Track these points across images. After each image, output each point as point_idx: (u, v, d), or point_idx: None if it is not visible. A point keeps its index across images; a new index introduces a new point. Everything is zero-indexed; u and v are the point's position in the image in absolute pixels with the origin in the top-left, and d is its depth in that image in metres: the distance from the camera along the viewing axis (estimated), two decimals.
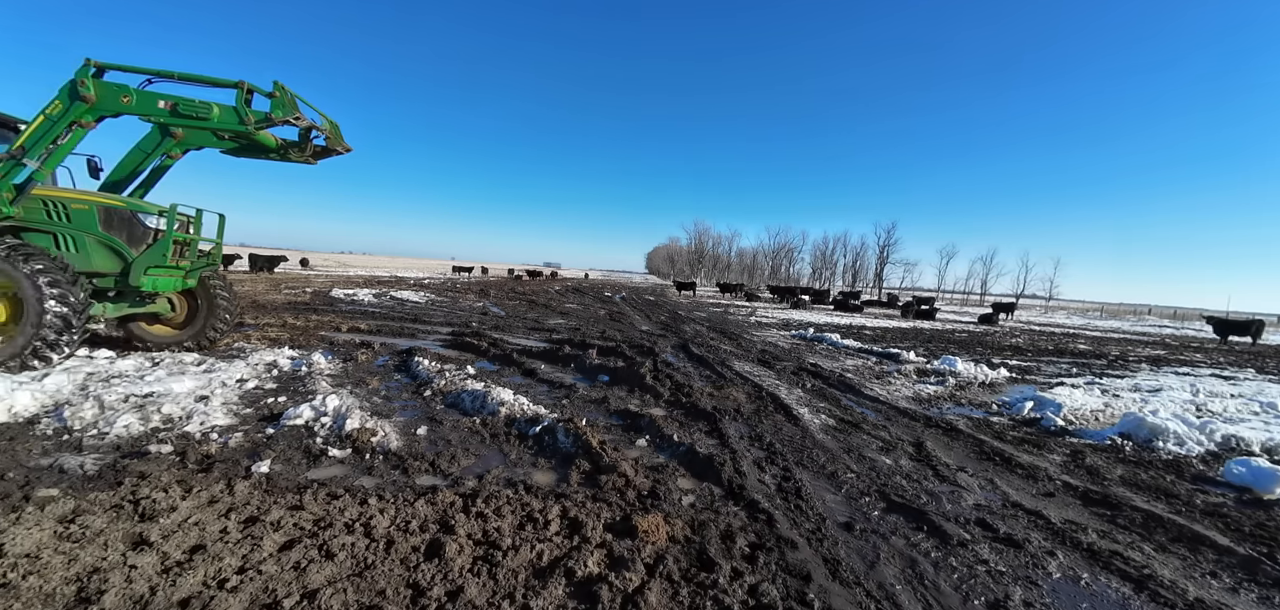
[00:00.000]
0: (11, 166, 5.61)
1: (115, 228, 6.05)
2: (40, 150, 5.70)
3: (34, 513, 2.73)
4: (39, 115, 5.70)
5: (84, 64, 5.72)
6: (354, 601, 2.22)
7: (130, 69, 5.89)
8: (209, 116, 5.99)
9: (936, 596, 2.59)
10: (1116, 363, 12.82)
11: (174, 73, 5.95)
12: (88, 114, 5.79)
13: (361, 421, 4.31)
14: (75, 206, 5.96)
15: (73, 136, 5.86)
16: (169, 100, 5.94)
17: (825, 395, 6.95)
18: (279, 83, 6.06)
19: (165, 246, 6.09)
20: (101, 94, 5.79)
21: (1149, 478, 4.44)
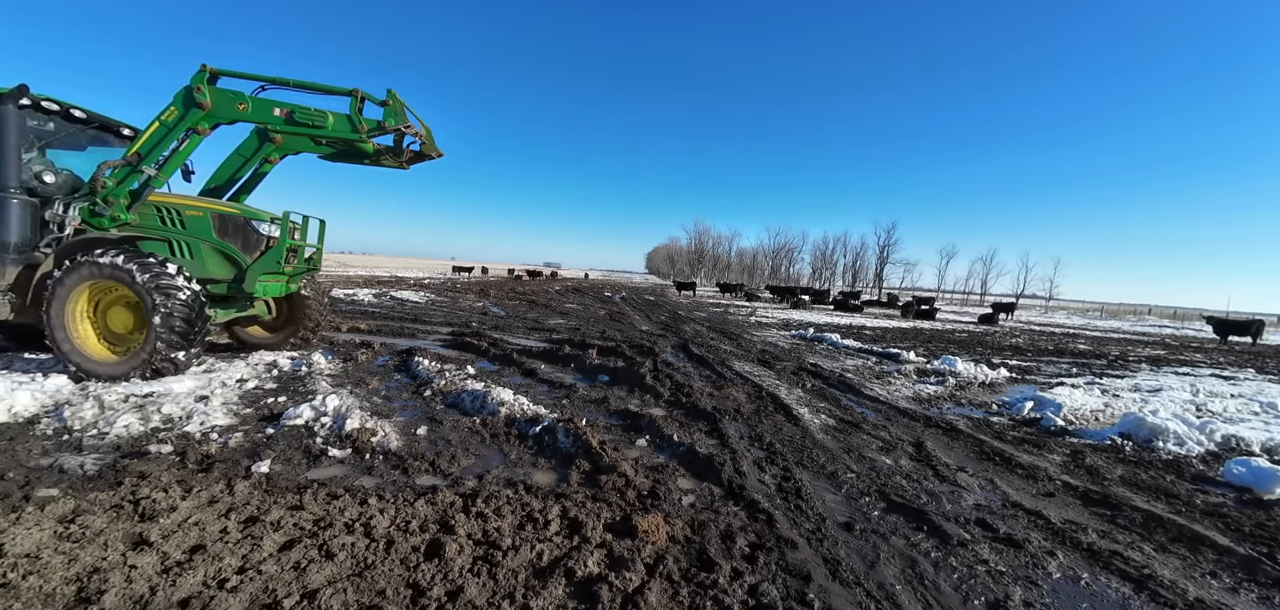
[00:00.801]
0: (128, 173, 5.61)
1: (230, 234, 6.01)
2: (156, 157, 5.70)
3: (34, 513, 2.73)
4: (154, 122, 5.69)
5: (200, 70, 5.69)
6: (354, 601, 2.22)
7: (243, 75, 5.87)
8: (324, 125, 5.95)
9: (936, 596, 2.59)
10: (1116, 363, 12.82)
11: (288, 80, 5.92)
12: (204, 121, 5.77)
13: (361, 421, 4.31)
14: (190, 213, 5.91)
15: (189, 143, 5.84)
16: (284, 108, 5.92)
17: (825, 395, 6.95)
18: (391, 91, 6.01)
19: (279, 253, 6.04)
20: (217, 101, 5.76)
21: (1149, 478, 4.45)
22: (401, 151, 6.54)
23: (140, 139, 5.65)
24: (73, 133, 6.12)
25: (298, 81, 5.92)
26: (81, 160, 6.32)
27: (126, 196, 5.63)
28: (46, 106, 5.54)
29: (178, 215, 5.87)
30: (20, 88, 5.19)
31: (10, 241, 5.26)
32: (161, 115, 5.67)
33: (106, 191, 5.51)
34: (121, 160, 5.58)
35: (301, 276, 7.00)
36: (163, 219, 5.84)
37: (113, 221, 5.61)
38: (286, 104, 5.91)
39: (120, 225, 5.65)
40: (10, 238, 5.26)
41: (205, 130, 5.85)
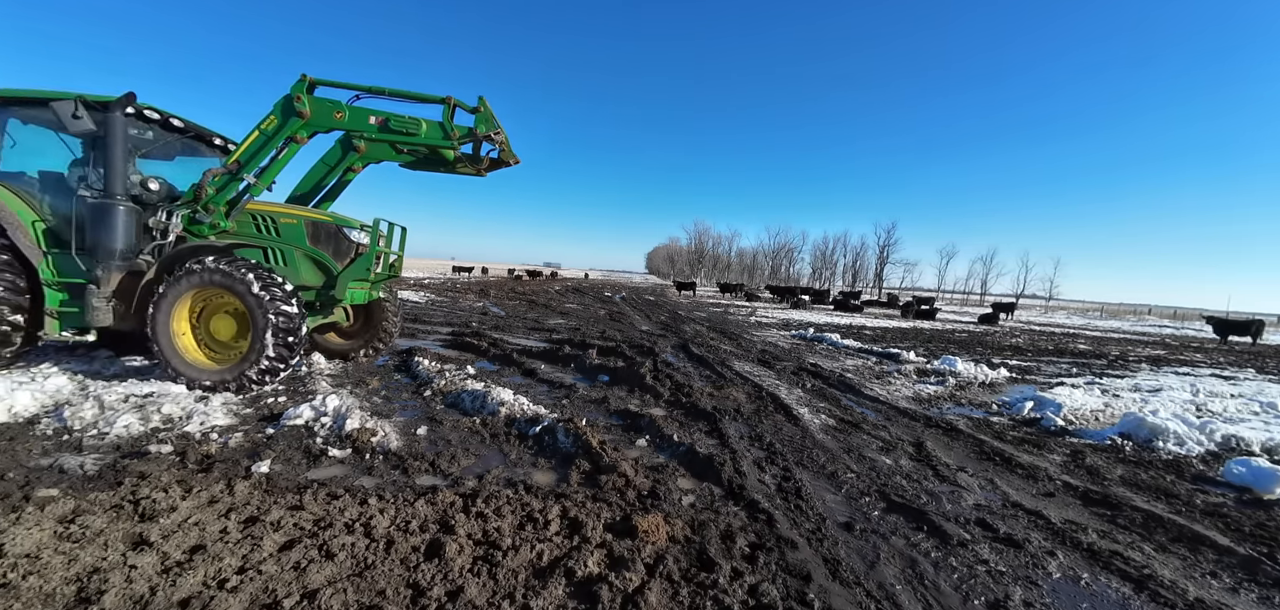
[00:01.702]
0: (227, 181, 5.60)
1: (322, 241, 5.99)
2: (255, 165, 5.70)
3: (34, 513, 2.73)
4: (254, 130, 5.70)
5: (300, 80, 5.71)
6: (354, 601, 2.22)
7: (339, 84, 5.88)
8: (418, 132, 5.95)
9: (937, 596, 2.59)
10: (1116, 363, 12.82)
11: (383, 88, 5.92)
12: (302, 129, 5.77)
13: (361, 421, 4.31)
14: (284, 221, 5.92)
15: (288, 152, 5.85)
16: (379, 116, 5.92)
17: (825, 395, 6.95)
18: (482, 98, 6.01)
19: (368, 261, 6.00)
20: (315, 110, 5.78)
21: (1149, 478, 4.44)
22: (480, 159, 6.48)
23: (240, 147, 5.66)
24: (166, 142, 6.12)
25: (392, 90, 5.93)
26: (169, 169, 6.32)
27: (226, 204, 5.65)
28: (147, 115, 5.55)
29: (273, 223, 5.89)
30: (128, 96, 5.19)
31: (116, 248, 5.25)
32: (262, 124, 5.70)
33: (207, 199, 5.53)
34: (222, 168, 5.59)
35: (382, 283, 6.91)
36: (258, 226, 5.86)
37: (212, 229, 5.63)
38: (381, 112, 5.93)
39: (219, 233, 5.66)
40: (116, 244, 5.25)
41: (303, 139, 5.86)
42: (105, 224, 5.21)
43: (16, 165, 5.66)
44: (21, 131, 5.68)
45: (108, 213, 5.20)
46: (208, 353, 5.39)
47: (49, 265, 5.27)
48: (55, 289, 5.29)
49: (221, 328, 5.39)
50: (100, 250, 5.22)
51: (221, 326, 5.39)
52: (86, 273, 5.28)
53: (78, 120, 4.96)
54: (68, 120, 4.97)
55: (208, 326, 5.40)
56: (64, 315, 5.33)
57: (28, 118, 5.62)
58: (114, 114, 5.16)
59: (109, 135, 5.19)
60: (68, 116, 4.95)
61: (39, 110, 5.43)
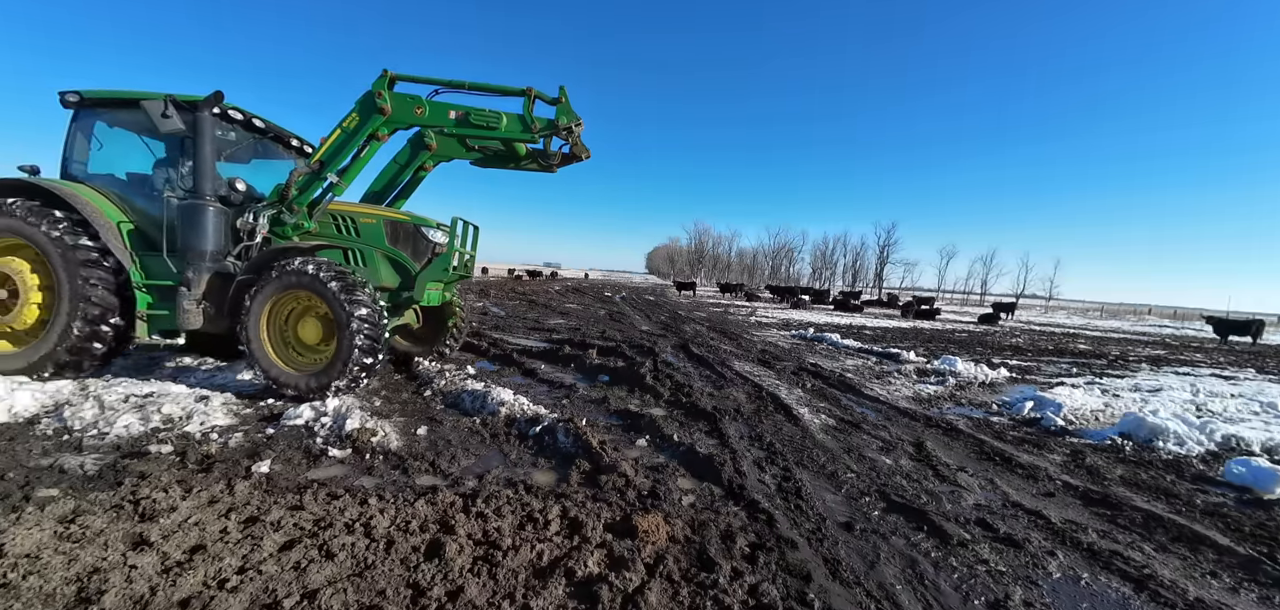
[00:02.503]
0: (310, 181, 5.50)
1: (400, 242, 5.87)
2: (337, 164, 5.58)
3: (34, 513, 2.73)
4: (335, 129, 5.58)
5: (381, 75, 5.55)
6: (354, 601, 2.22)
7: (419, 79, 5.73)
8: (498, 126, 5.76)
9: (937, 596, 2.59)
10: (1116, 362, 12.82)
11: (463, 82, 5.73)
12: (383, 126, 5.62)
13: (361, 421, 4.31)
14: (364, 221, 5.81)
15: (369, 150, 5.70)
16: (459, 111, 5.76)
17: (825, 395, 6.95)
18: (563, 88, 5.77)
19: (447, 261, 5.83)
20: (396, 106, 5.62)
21: (1149, 477, 4.44)
22: (552, 154, 6.25)
23: (322, 146, 5.54)
24: (246, 144, 6.03)
25: (471, 83, 5.74)
26: (243, 172, 6.22)
27: (309, 205, 5.56)
28: (231, 115, 5.48)
29: (353, 223, 5.80)
30: (216, 95, 5.11)
31: (206, 250, 5.19)
32: (343, 122, 5.56)
33: (292, 199, 5.45)
34: (305, 168, 5.47)
35: (455, 284, 6.74)
36: (339, 226, 5.78)
37: (295, 229, 5.55)
38: (461, 106, 5.78)
39: (302, 234, 5.59)
40: (206, 247, 5.18)
41: (384, 136, 5.72)
42: (195, 226, 5.14)
43: (103, 168, 5.60)
44: (107, 134, 5.62)
45: (197, 214, 5.13)
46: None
47: (139, 268, 5.22)
48: (145, 292, 5.23)
49: (308, 331, 5.27)
50: (190, 252, 5.16)
51: (308, 330, 5.26)
52: (176, 275, 5.23)
53: (167, 120, 4.90)
54: (157, 120, 4.89)
55: (295, 329, 5.30)
56: (153, 318, 5.28)
57: (115, 120, 5.57)
58: (202, 114, 5.10)
59: (197, 135, 5.13)
60: (158, 116, 4.88)
61: (128, 111, 5.39)
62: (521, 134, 5.84)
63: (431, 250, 5.98)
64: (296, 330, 5.28)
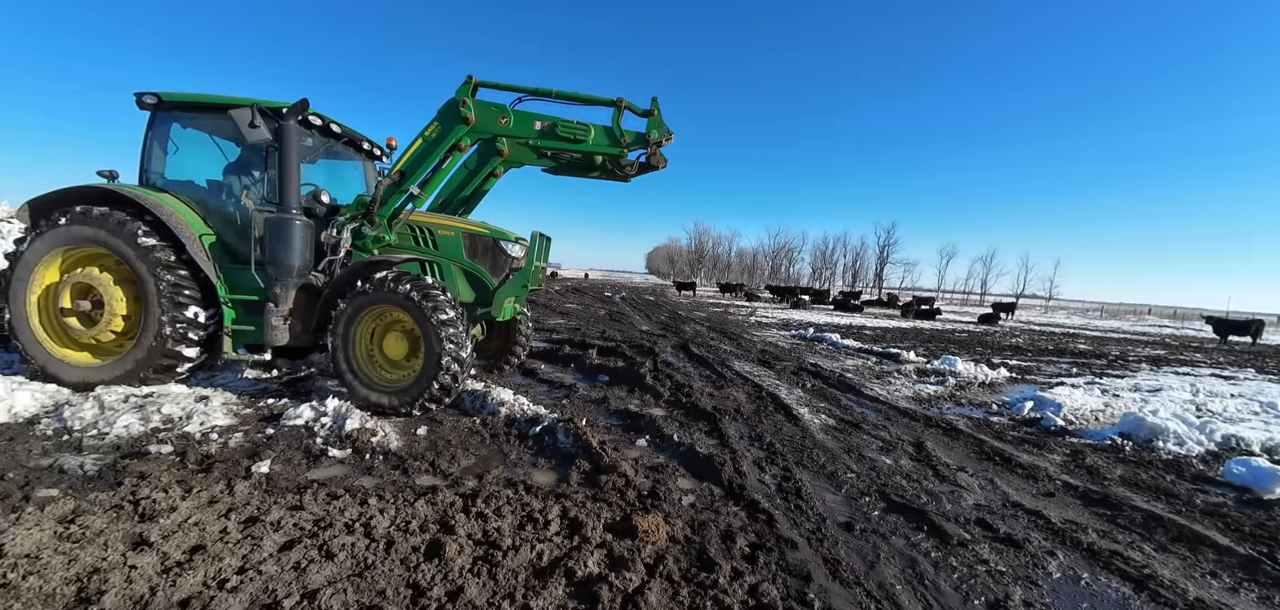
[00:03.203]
0: (391, 192, 5.26)
1: (478, 255, 5.58)
2: (419, 175, 5.34)
3: (34, 513, 2.73)
4: (417, 138, 5.35)
5: (466, 82, 5.29)
6: (354, 601, 2.22)
7: (502, 86, 5.46)
8: (585, 140, 5.45)
9: (936, 596, 2.59)
10: (1116, 362, 12.82)
11: (549, 90, 5.46)
12: (466, 136, 5.37)
13: (361, 421, 4.31)
14: (442, 233, 5.52)
15: (450, 161, 5.48)
16: (545, 122, 5.46)
17: (825, 395, 6.95)
18: (655, 100, 5.47)
19: (526, 276, 5.56)
20: (480, 115, 5.35)
21: (1149, 477, 4.45)
22: (628, 164, 5.81)
23: (403, 156, 5.33)
24: (319, 147, 5.78)
25: (558, 92, 5.49)
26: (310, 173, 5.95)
27: (389, 217, 5.32)
28: (310, 121, 5.26)
29: (431, 235, 5.52)
30: (302, 103, 4.87)
31: (294, 265, 4.95)
32: (425, 131, 5.34)
33: (375, 212, 5.22)
34: (387, 178, 5.26)
35: (524, 297, 6.35)
36: (416, 239, 5.51)
37: (376, 242, 5.32)
38: (547, 117, 5.49)
39: (382, 247, 5.36)
40: (293, 261, 4.94)
41: (466, 146, 5.47)
42: (282, 239, 4.89)
43: (180, 173, 5.37)
44: (182, 137, 5.42)
45: (284, 228, 4.89)
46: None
47: (224, 281, 5.04)
48: (230, 306, 5.06)
49: (394, 347, 5.05)
50: (278, 266, 4.92)
51: (394, 345, 5.05)
52: (264, 290, 5.01)
53: (254, 129, 4.69)
54: (244, 128, 4.69)
55: (380, 344, 5.11)
56: (238, 333, 5.11)
57: (192, 124, 5.39)
58: (288, 122, 4.87)
59: (283, 145, 4.89)
60: (245, 125, 4.67)
61: (208, 116, 5.22)
62: (609, 148, 5.50)
63: (510, 265, 5.71)
64: (381, 345, 5.10)
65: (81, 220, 4.76)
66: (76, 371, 4.88)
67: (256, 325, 5.08)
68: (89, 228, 4.76)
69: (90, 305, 4.91)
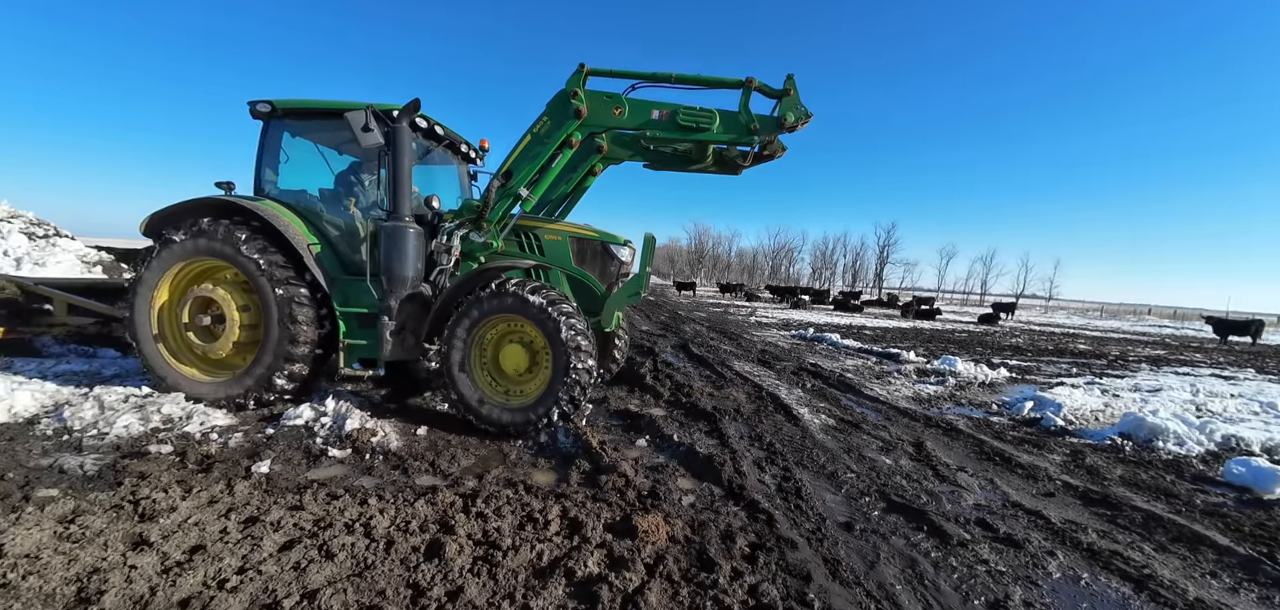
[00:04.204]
0: (499, 194, 4.92)
1: (587, 261, 5.28)
2: (527, 175, 4.93)
3: (34, 513, 2.73)
4: (525, 135, 4.97)
5: (578, 71, 4.85)
6: (354, 601, 2.22)
7: (613, 73, 4.98)
8: (710, 127, 4.90)
9: (936, 596, 2.59)
10: (1116, 363, 12.82)
11: (668, 75, 4.93)
12: (578, 130, 4.93)
13: (361, 421, 4.31)
14: (548, 237, 5.21)
15: (562, 158, 5.01)
16: (664, 109, 4.91)
17: (825, 395, 6.95)
18: (791, 77, 4.82)
19: (639, 283, 5.12)
20: (593, 106, 4.89)
21: (1149, 478, 4.45)
22: (742, 156, 5.28)
23: (510, 155, 4.98)
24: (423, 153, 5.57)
25: (678, 76, 4.97)
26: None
27: (498, 221, 5.00)
28: (417, 123, 5.03)
29: (536, 239, 5.20)
30: (415, 103, 4.62)
31: (407, 275, 4.64)
32: (533, 127, 4.95)
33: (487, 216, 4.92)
34: (494, 178, 4.92)
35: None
36: (521, 244, 5.19)
37: (483, 248, 4.99)
38: (665, 104, 4.95)
39: (490, 253, 5.03)
40: (407, 271, 4.62)
41: (577, 141, 5.01)
42: (397, 247, 4.58)
43: (291, 183, 5.23)
44: (291, 146, 5.24)
45: (399, 236, 4.59)
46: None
47: (339, 292, 4.86)
48: (343, 319, 4.86)
49: (512, 360, 4.68)
50: (392, 277, 4.62)
51: (512, 359, 4.68)
52: (377, 302, 4.75)
53: (367, 133, 4.46)
54: (357, 132, 4.47)
55: (496, 355, 4.76)
56: (351, 347, 4.88)
57: (301, 131, 5.24)
58: (401, 124, 4.59)
59: (396, 149, 4.59)
60: (358, 128, 4.46)
61: (319, 122, 5.10)
62: (738, 135, 4.93)
63: (619, 271, 5.41)
64: (496, 357, 4.76)
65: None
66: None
67: (369, 339, 4.85)
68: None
69: (211, 320, 4.79)
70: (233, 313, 4.68)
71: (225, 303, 4.68)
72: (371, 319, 4.84)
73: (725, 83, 4.94)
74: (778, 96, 4.83)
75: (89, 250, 7.05)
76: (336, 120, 4.82)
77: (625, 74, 4.96)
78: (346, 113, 4.53)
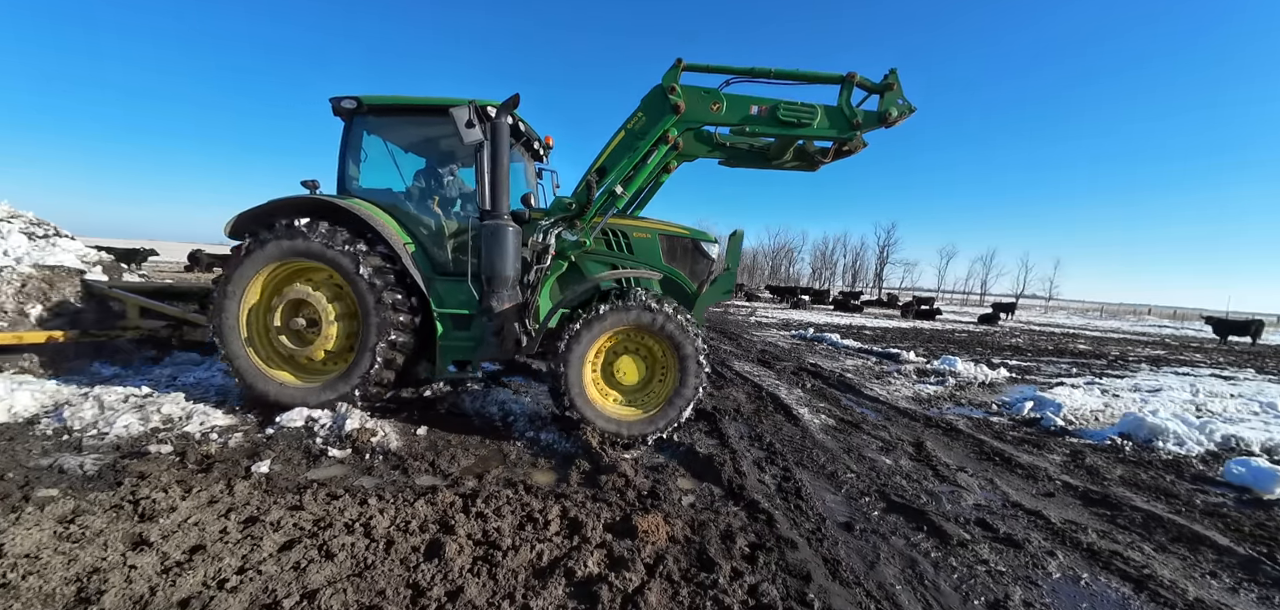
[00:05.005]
0: (590, 191, 4.76)
1: (677, 259, 5.14)
2: (621, 171, 4.72)
3: (34, 513, 2.73)
4: (619, 131, 4.79)
5: (675, 65, 4.67)
6: (354, 601, 2.22)
7: (708, 68, 4.81)
8: (810, 122, 4.71)
9: (936, 596, 2.59)
10: (1116, 363, 12.83)
11: (768, 70, 4.73)
12: (676, 126, 4.73)
13: (361, 421, 4.31)
14: (637, 235, 5.06)
15: (656, 154, 4.81)
16: (763, 105, 4.72)
17: (825, 395, 6.95)
18: (894, 70, 4.67)
19: (729, 282, 5.11)
20: (690, 101, 4.69)
21: (1149, 478, 4.45)
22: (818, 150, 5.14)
23: (604, 151, 4.79)
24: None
25: (778, 71, 4.77)
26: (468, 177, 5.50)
27: (591, 220, 4.85)
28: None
29: (625, 238, 5.05)
30: (515, 98, 4.48)
31: (508, 275, 4.47)
32: (628, 123, 4.77)
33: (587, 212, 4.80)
34: (588, 175, 4.77)
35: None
36: (609, 242, 5.04)
37: (575, 247, 4.87)
38: (764, 99, 4.75)
39: (579, 253, 4.93)
40: (508, 271, 4.46)
41: (673, 137, 4.80)
42: (498, 247, 4.41)
43: (372, 182, 5.09)
44: (370, 144, 5.12)
45: (499, 235, 4.41)
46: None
47: (433, 293, 4.73)
48: (439, 319, 4.73)
49: (628, 371, 4.56)
50: (494, 276, 4.46)
51: (628, 370, 4.56)
52: (475, 303, 4.64)
53: (470, 128, 4.36)
54: (461, 128, 4.39)
55: (610, 369, 4.61)
56: (447, 348, 4.76)
57: (385, 131, 5.08)
58: (501, 120, 4.41)
59: (495, 145, 4.42)
60: (462, 123, 4.38)
61: (410, 121, 5.00)
62: (841, 130, 4.75)
63: (709, 269, 5.27)
64: (612, 369, 4.62)
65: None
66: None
67: (463, 340, 4.75)
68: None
69: (304, 322, 4.67)
70: (330, 315, 4.54)
71: (320, 304, 4.52)
72: (465, 320, 4.73)
73: (824, 77, 4.81)
74: (879, 91, 4.69)
75: (89, 250, 7.04)
76: (430, 117, 4.78)
77: (720, 69, 4.79)
78: (452, 108, 4.48)
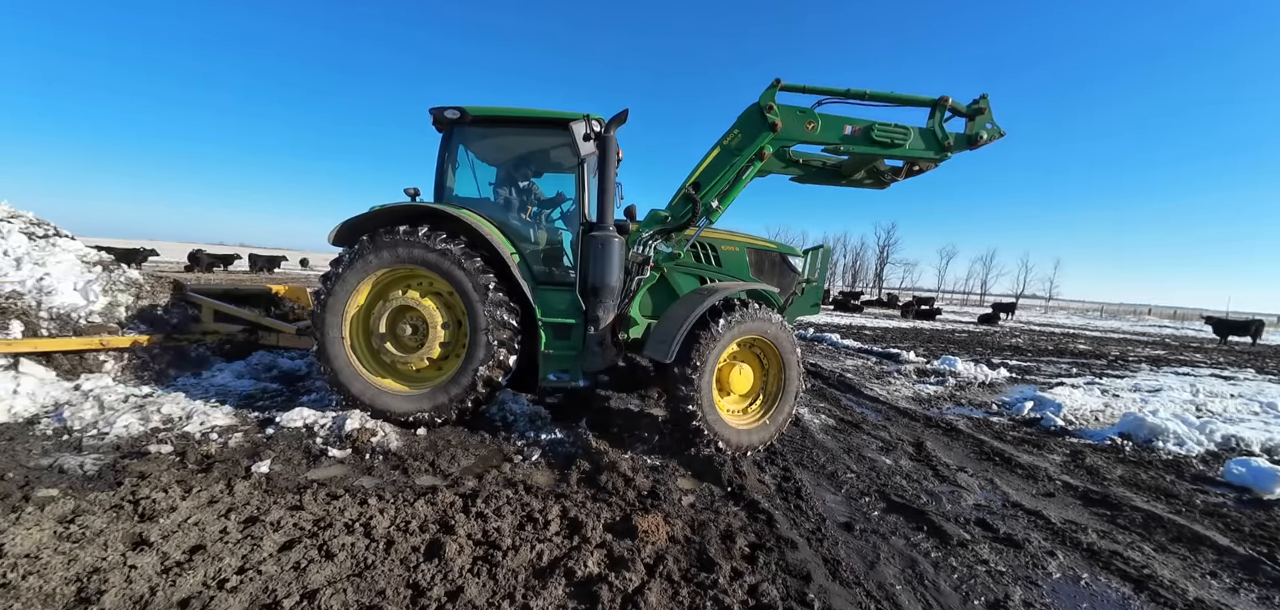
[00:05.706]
0: (685, 204, 4.83)
1: (765, 272, 5.21)
2: (717, 186, 4.84)
3: (34, 513, 2.73)
4: (713, 147, 4.92)
5: (772, 86, 4.77)
6: (354, 601, 2.22)
7: (803, 88, 4.87)
8: (903, 143, 4.86)
9: (936, 596, 2.59)
10: (1116, 363, 12.83)
11: (863, 92, 4.82)
12: (771, 143, 4.83)
13: (361, 421, 4.30)
14: (726, 248, 5.12)
15: (751, 171, 4.90)
16: (857, 125, 4.85)
17: (825, 395, 6.95)
18: (985, 95, 4.87)
19: (816, 296, 5.17)
20: (787, 120, 4.80)
21: (1149, 478, 4.45)
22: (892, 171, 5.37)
23: (699, 167, 4.90)
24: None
25: (872, 93, 4.88)
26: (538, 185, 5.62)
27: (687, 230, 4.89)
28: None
29: (713, 251, 5.10)
30: (624, 113, 4.53)
31: (614, 286, 4.52)
32: (723, 140, 4.90)
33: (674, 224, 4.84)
34: (682, 190, 4.86)
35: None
36: (697, 255, 5.07)
37: (669, 259, 4.94)
38: (858, 120, 4.89)
39: (670, 265, 4.99)
40: (614, 281, 4.50)
41: (768, 155, 4.89)
42: (605, 258, 4.46)
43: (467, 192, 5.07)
44: (463, 155, 5.08)
45: (606, 246, 4.45)
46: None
47: (538, 302, 4.67)
48: (542, 328, 4.68)
49: (741, 382, 4.52)
50: (602, 287, 4.48)
51: (741, 381, 4.52)
52: (581, 313, 4.64)
53: (587, 141, 4.47)
54: (579, 141, 4.47)
55: (727, 380, 4.55)
56: (550, 358, 4.69)
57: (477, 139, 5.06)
58: (611, 134, 4.48)
59: (604, 157, 4.48)
60: (580, 137, 4.46)
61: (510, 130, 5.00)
62: (932, 153, 4.94)
63: (796, 282, 5.33)
64: (728, 381, 4.56)
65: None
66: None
67: (565, 350, 4.71)
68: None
69: (410, 331, 4.59)
70: (437, 322, 4.49)
71: (429, 313, 4.47)
72: (566, 330, 4.70)
73: (918, 101, 4.95)
74: (969, 115, 4.87)
75: (89, 250, 7.02)
76: (540, 129, 4.84)
77: (816, 89, 4.88)
78: (571, 122, 4.55)
